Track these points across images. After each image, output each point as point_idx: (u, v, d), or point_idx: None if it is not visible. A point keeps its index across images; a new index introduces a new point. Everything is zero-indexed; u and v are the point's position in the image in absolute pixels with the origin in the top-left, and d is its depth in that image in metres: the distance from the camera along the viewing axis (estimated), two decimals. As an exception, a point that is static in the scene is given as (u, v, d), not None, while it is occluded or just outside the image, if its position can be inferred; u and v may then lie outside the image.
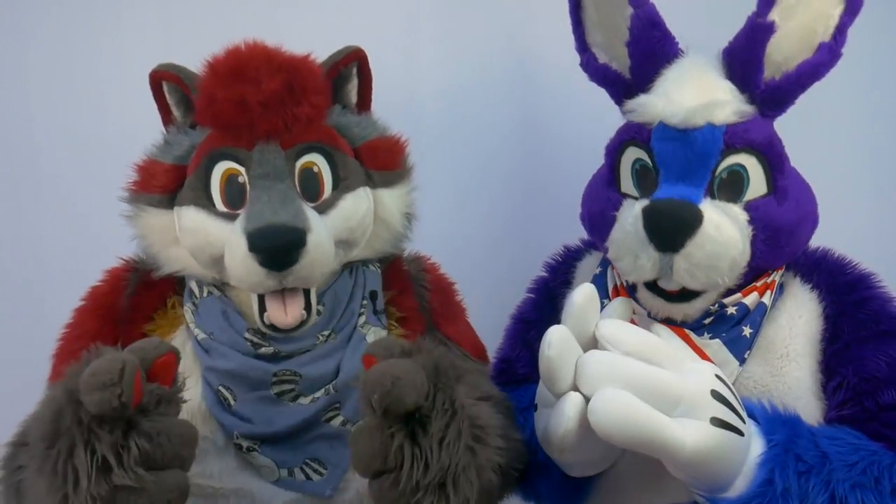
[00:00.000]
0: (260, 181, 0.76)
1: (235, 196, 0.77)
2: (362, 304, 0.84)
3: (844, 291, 0.76)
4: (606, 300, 0.81)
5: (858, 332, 0.73)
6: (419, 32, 1.19)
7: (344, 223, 0.79)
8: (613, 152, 0.81)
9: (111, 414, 0.57)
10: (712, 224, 0.70)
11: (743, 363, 0.75)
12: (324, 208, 0.78)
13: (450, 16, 1.19)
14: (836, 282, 0.77)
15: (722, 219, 0.71)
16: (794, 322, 0.76)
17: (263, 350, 0.78)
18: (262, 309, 0.76)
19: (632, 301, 0.79)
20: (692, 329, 0.76)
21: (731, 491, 0.63)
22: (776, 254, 0.75)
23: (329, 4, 1.16)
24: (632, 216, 0.73)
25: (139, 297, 0.83)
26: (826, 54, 0.73)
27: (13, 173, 1.16)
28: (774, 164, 0.75)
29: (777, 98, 0.75)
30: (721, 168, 0.74)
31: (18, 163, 1.16)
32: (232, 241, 0.73)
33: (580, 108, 1.14)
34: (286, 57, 0.78)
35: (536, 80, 1.20)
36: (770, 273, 0.77)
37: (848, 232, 0.91)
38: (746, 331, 0.75)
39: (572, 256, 0.95)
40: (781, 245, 0.75)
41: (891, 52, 1.20)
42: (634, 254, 0.72)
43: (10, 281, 1.17)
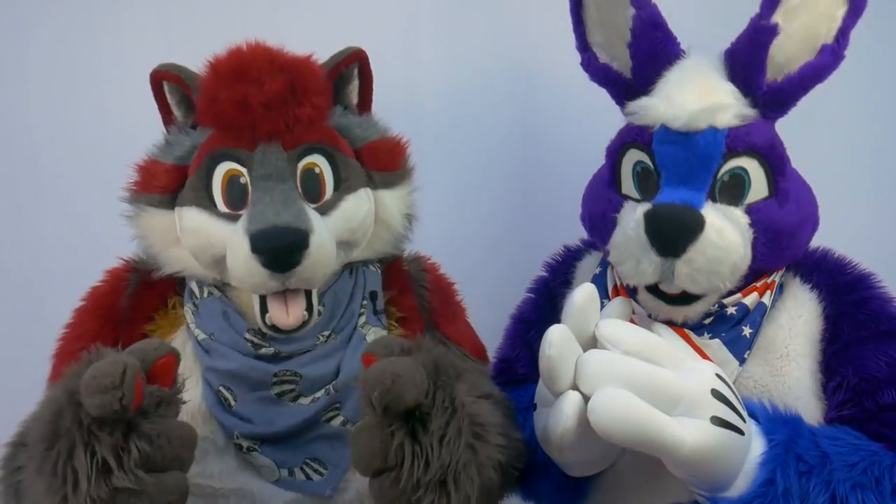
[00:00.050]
0: (262, 182, 0.75)
1: (237, 197, 0.77)
2: (362, 305, 0.84)
3: (844, 291, 0.76)
4: (606, 300, 0.81)
5: (858, 333, 0.73)
6: (419, 32, 1.19)
7: (345, 224, 0.79)
8: (614, 154, 0.81)
9: (112, 417, 0.57)
10: (714, 229, 0.70)
11: (743, 363, 0.75)
12: (325, 209, 0.78)
13: (450, 16, 1.19)
14: (836, 282, 0.77)
15: (724, 223, 0.71)
16: (794, 322, 0.76)
17: (264, 351, 0.78)
18: (264, 310, 0.76)
19: (631, 301, 0.79)
20: (692, 329, 0.76)
21: (732, 490, 0.64)
22: (777, 256, 0.75)
23: (329, 4, 1.16)
24: (633, 221, 0.72)
25: (139, 298, 0.83)
26: (829, 56, 0.73)
27: (13, 173, 1.16)
28: (776, 167, 0.74)
29: (779, 100, 0.75)
30: (723, 171, 0.73)
31: (18, 163, 1.16)
32: (234, 243, 0.73)
33: (580, 109, 1.14)
34: (288, 58, 0.78)
35: (536, 80, 1.20)
36: (770, 273, 0.77)
37: (848, 232, 0.91)
38: (746, 331, 0.75)
39: (572, 256, 0.95)
40: (782, 247, 0.75)
41: (891, 52, 1.20)
42: (636, 258, 0.72)
43: (10, 281, 1.17)
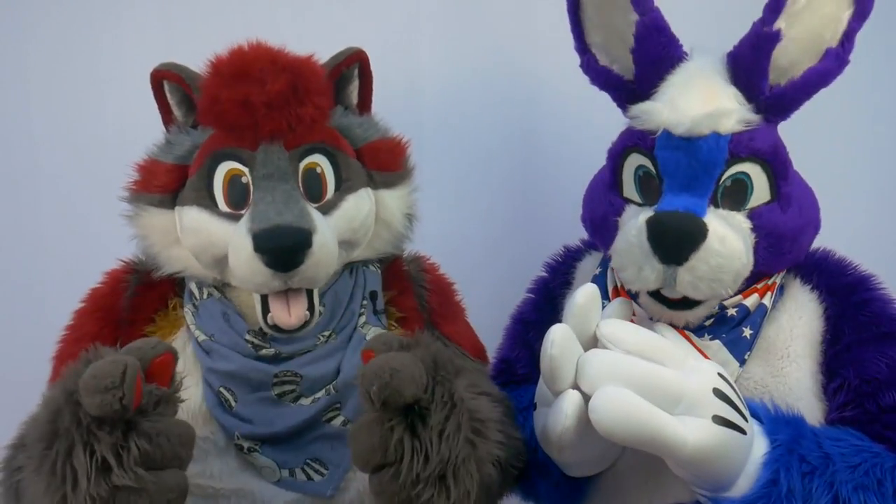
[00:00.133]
0: (264, 182, 0.75)
1: (238, 196, 0.77)
2: (362, 305, 0.84)
3: (845, 293, 0.76)
4: (606, 301, 0.81)
5: (859, 334, 0.73)
6: (419, 32, 1.19)
7: (347, 224, 0.79)
8: (616, 157, 0.80)
9: (112, 416, 0.57)
10: (717, 237, 0.69)
11: (743, 364, 0.75)
12: (326, 209, 0.78)
13: (450, 16, 1.19)
14: (837, 283, 0.77)
15: (726, 231, 0.70)
16: (795, 323, 0.76)
17: (264, 352, 0.78)
18: (266, 310, 0.76)
19: (632, 302, 0.78)
20: (692, 330, 0.76)
21: (734, 490, 0.63)
22: (779, 260, 0.75)
23: (329, 4, 1.16)
24: (635, 228, 0.72)
25: (139, 299, 0.83)
26: (833, 61, 0.72)
27: (13, 173, 1.16)
28: (778, 171, 0.74)
29: (782, 105, 0.75)
30: (725, 177, 0.73)
31: (18, 163, 1.16)
32: (236, 242, 0.73)
33: (581, 109, 1.14)
34: (290, 58, 0.78)
35: (536, 81, 1.20)
36: (771, 276, 0.77)
37: (848, 232, 0.91)
38: (747, 332, 0.75)
39: (572, 257, 0.95)
40: (784, 252, 0.75)
41: (891, 53, 1.20)
42: (638, 265, 0.71)
43: (10, 281, 1.17)
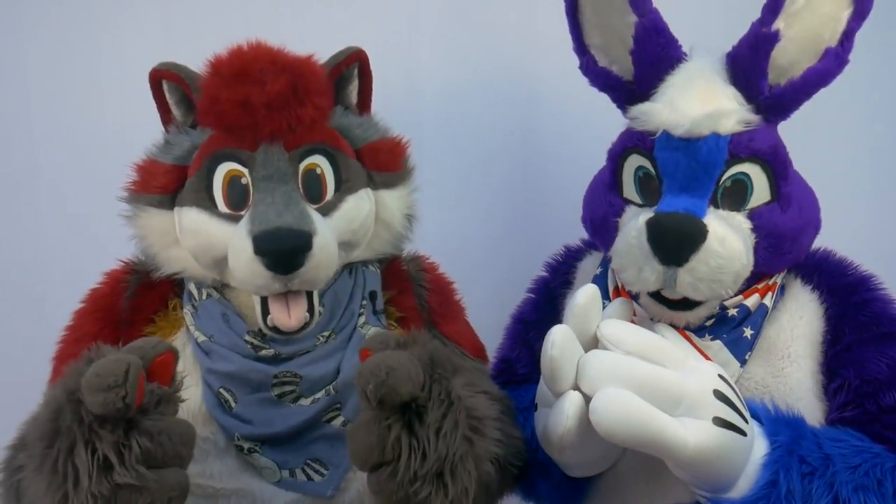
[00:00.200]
0: (264, 183, 0.75)
1: (238, 197, 0.77)
2: (362, 305, 0.84)
3: (845, 293, 0.76)
4: (607, 301, 0.81)
5: (859, 335, 0.73)
6: (419, 32, 1.19)
7: (347, 225, 0.79)
8: (616, 158, 0.80)
9: (114, 415, 0.57)
10: (717, 238, 0.69)
11: (744, 364, 0.75)
12: (327, 210, 0.78)
13: (450, 16, 1.19)
14: (838, 283, 0.77)
15: (726, 232, 0.70)
16: (796, 323, 0.76)
17: (264, 352, 0.78)
18: (265, 311, 0.76)
19: (633, 302, 0.78)
20: (693, 331, 0.76)
21: (734, 491, 0.63)
22: (779, 260, 0.75)
23: (329, 4, 1.16)
24: (635, 229, 0.72)
25: (139, 300, 0.83)
26: (832, 61, 0.72)
27: (13, 173, 1.16)
28: (778, 172, 0.74)
29: (782, 105, 0.75)
30: (725, 177, 0.73)
31: (18, 163, 1.16)
32: (236, 244, 0.73)
33: (581, 109, 1.14)
34: (290, 58, 0.78)
35: (536, 81, 1.20)
36: (771, 276, 0.77)
37: (848, 232, 0.91)
38: (747, 332, 0.75)
39: (573, 256, 0.94)
40: (784, 252, 0.75)
41: (890, 53, 1.20)
42: (638, 266, 0.71)
43: (10, 281, 1.17)
